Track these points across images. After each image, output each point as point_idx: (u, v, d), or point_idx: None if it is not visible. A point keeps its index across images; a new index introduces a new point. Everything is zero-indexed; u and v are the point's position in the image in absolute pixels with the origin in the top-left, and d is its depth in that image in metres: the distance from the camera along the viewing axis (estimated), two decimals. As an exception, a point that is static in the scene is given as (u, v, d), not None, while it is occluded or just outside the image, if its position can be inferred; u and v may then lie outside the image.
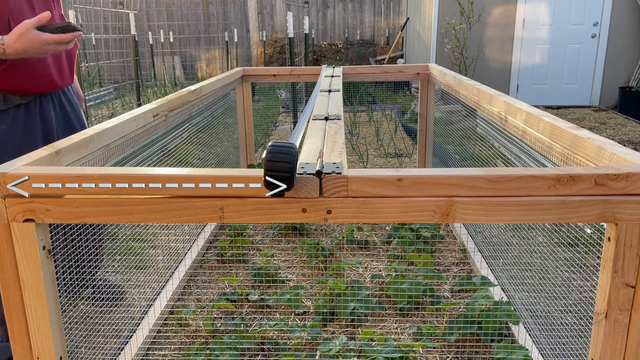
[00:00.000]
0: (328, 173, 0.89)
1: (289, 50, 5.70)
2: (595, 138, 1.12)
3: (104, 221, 0.92)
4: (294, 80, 3.20)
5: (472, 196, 0.88)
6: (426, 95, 3.06)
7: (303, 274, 2.59)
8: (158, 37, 13.07)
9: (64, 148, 1.12)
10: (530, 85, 7.57)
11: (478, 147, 3.01)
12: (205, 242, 2.87)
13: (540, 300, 2.20)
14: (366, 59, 13.29)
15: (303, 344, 2.02)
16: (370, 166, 4.64)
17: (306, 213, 0.90)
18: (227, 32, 13.02)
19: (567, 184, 0.87)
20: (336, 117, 1.50)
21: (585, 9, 7.24)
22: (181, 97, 1.97)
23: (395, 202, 0.89)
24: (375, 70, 3.12)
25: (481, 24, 7.21)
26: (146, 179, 0.89)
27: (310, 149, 1.12)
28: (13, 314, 0.95)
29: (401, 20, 13.27)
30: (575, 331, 1.93)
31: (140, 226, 2.96)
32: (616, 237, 0.88)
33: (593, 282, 2.22)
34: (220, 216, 0.91)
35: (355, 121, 6.37)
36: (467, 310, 2.08)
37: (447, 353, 1.96)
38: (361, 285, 2.34)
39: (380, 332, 2.08)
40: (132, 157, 2.53)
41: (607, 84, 7.39)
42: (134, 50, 5.92)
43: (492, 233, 2.71)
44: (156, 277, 2.44)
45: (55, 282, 0.98)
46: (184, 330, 2.14)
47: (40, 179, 0.89)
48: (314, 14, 14.04)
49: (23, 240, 0.91)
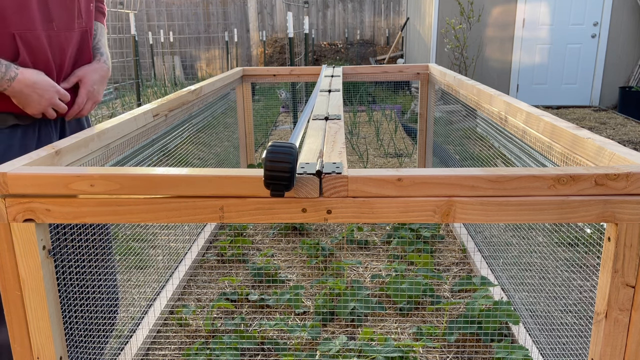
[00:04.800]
0: (328, 173, 0.89)
1: (289, 50, 5.70)
2: (595, 138, 1.12)
3: (104, 221, 0.92)
4: (294, 80, 3.20)
5: (472, 196, 0.88)
6: (426, 95, 3.06)
7: (303, 274, 2.59)
8: (158, 37, 13.07)
9: (64, 148, 1.12)
10: (530, 85, 7.57)
11: (478, 147, 3.01)
12: (205, 242, 2.87)
13: (540, 300, 2.19)
14: (366, 58, 13.29)
15: (303, 344, 2.02)
16: (370, 166, 4.64)
17: (306, 213, 0.90)
18: (227, 32, 13.02)
19: (567, 184, 0.87)
20: (336, 117, 1.50)
21: (585, 9, 7.24)
22: (181, 97, 1.97)
23: (395, 202, 0.89)
24: (375, 70, 3.11)
25: (481, 24, 7.21)
26: (146, 178, 0.89)
27: (310, 148, 1.12)
28: (13, 314, 0.95)
29: (401, 20, 13.26)
30: (575, 331, 1.92)
31: (140, 226, 2.96)
32: (616, 237, 0.88)
33: (593, 282, 2.22)
34: (220, 216, 0.91)
35: (355, 121, 6.37)
36: (467, 310, 2.08)
37: (447, 353, 1.96)
38: (361, 285, 2.34)
39: (380, 332, 2.08)
40: (132, 157, 2.53)
41: (607, 84, 7.39)
42: (133, 50, 5.92)
43: (492, 233, 2.71)
44: (156, 277, 2.44)
45: (55, 282, 0.98)
46: (184, 330, 2.14)
47: (41, 178, 0.89)
48: (314, 13, 14.04)
49: (23, 240, 0.91)
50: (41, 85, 1.31)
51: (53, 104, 1.35)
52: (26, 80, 1.28)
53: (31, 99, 1.30)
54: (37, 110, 1.33)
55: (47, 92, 1.32)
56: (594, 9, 7.21)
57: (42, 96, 1.31)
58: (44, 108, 1.34)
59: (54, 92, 1.34)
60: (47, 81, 1.33)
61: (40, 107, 1.33)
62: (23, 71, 1.28)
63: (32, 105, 1.31)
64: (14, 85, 1.26)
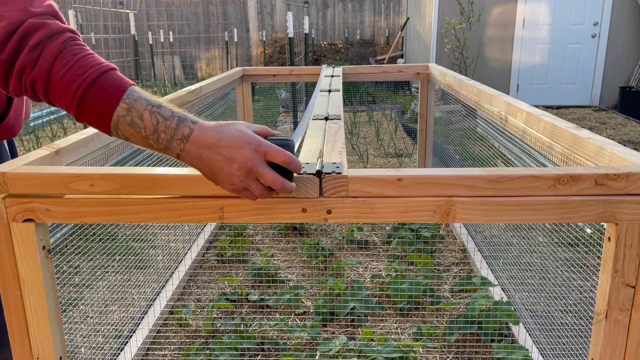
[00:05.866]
0: (328, 173, 0.89)
1: (289, 50, 5.70)
2: (595, 138, 1.12)
3: (104, 221, 0.92)
4: (294, 80, 3.20)
5: (472, 196, 0.88)
6: (426, 95, 3.06)
7: (303, 274, 2.59)
8: (158, 37, 13.07)
9: (64, 148, 1.12)
10: (530, 85, 7.56)
11: (478, 147, 3.01)
12: (205, 242, 2.87)
13: (540, 300, 2.19)
14: (366, 58, 13.28)
15: (303, 344, 2.02)
16: (370, 166, 4.64)
17: (306, 213, 0.90)
18: (227, 32, 13.02)
19: (567, 184, 0.87)
20: (336, 117, 1.50)
21: (585, 9, 7.24)
22: (181, 97, 1.97)
23: (396, 202, 0.89)
24: (375, 70, 3.11)
25: (481, 24, 7.21)
26: (146, 178, 0.89)
27: (310, 148, 1.11)
28: (13, 314, 0.95)
29: (401, 20, 13.26)
30: (576, 331, 1.92)
31: (140, 226, 2.96)
32: (616, 237, 0.87)
33: (593, 282, 2.22)
34: (220, 216, 0.91)
35: (355, 121, 6.37)
36: (467, 310, 2.08)
37: (447, 353, 1.96)
38: (361, 285, 2.34)
39: (380, 332, 2.08)
40: (132, 157, 2.53)
41: (607, 84, 7.39)
42: (133, 50, 5.92)
43: (492, 233, 2.71)
44: (156, 277, 2.44)
45: (55, 282, 0.98)
46: (183, 330, 2.14)
47: (40, 178, 0.89)
48: (314, 13, 14.04)
49: (23, 240, 0.91)
50: (229, 141, 0.80)
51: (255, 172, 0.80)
52: (213, 130, 0.81)
53: (219, 167, 0.80)
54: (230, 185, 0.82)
55: (240, 153, 0.79)
56: (594, 8, 7.20)
57: (232, 161, 0.79)
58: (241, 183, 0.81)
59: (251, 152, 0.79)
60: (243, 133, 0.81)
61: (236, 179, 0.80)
62: (202, 125, 0.81)
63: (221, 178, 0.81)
64: (188, 149, 0.81)
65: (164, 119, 0.80)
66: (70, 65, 0.81)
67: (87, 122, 0.84)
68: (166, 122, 0.80)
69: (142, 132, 0.81)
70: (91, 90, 0.80)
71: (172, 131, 0.80)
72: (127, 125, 0.81)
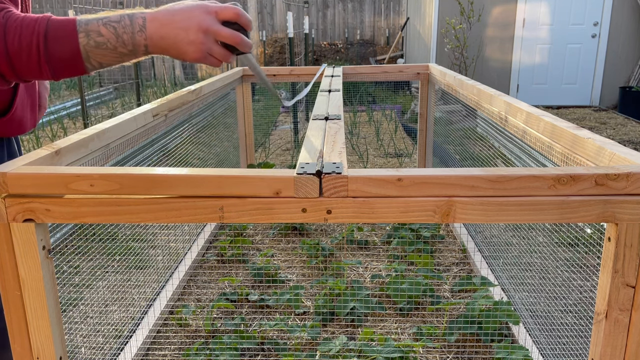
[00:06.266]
0: (328, 173, 0.89)
1: (289, 50, 5.70)
2: (595, 138, 1.12)
3: (104, 221, 0.92)
4: (294, 80, 3.20)
5: (472, 196, 0.88)
6: (426, 95, 3.06)
7: (303, 274, 2.59)
8: (158, 37, 13.04)
9: (64, 148, 1.12)
10: (530, 85, 7.56)
11: (478, 147, 3.01)
12: (205, 242, 2.87)
13: (540, 300, 2.19)
14: (366, 58, 13.28)
15: (303, 344, 2.02)
16: (370, 166, 4.64)
17: (306, 213, 0.90)
18: (227, 32, 12.99)
19: (567, 184, 0.87)
20: (336, 117, 1.50)
21: (585, 9, 7.24)
22: (181, 97, 1.97)
23: (396, 202, 0.89)
24: (375, 70, 3.11)
25: (481, 24, 7.21)
26: (146, 178, 0.89)
27: (310, 148, 1.11)
28: (13, 314, 0.95)
29: (401, 20, 13.26)
30: (576, 331, 1.92)
31: (140, 226, 2.96)
32: (616, 237, 0.87)
33: (593, 282, 2.22)
34: (220, 216, 0.91)
35: (355, 121, 6.37)
36: (467, 310, 2.08)
37: (447, 353, 1.96)
38: (361, 285, 2.34)
39: (380, 332, 2.08)
40: (132, 157, 2.53)
41: (607, 84, 7.39)
42: (134, 50, 5.90)
43: (492, 233, 2.71)
44: (156, 277, 2.44)
45: (55, 282, 0.98)
46: (183, 330, 2.14)
47: (40, 178, 0.89)
48: (314, 13, 14.04)
49: (23, 240, 0.91)
50: (182, 15, 0.88)
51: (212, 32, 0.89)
52: (164, 14, 0.89)
53: (179, 39, 0.88)
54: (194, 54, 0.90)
55: (193, 19, 0.87)
56: (594, 8, 7.20)
57: (188, 29, 0.87)
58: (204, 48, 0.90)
59: (205, 15, 0.89)
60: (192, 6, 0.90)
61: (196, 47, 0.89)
62: (152, 12, 0.90)
63: (186, 49, 0.89)
64: (149, 35, 0.88)
65: (117, 22, 0.87)
66: (20, 31, 0.84)
67: (62, 70, 0.88)
68: (120, 23, 0.87)
69: (108, 45, 0.86)
70: (49, 38, 0.84)
71: (130, 28, 0.86)
72: (94, 48, 0.86)
